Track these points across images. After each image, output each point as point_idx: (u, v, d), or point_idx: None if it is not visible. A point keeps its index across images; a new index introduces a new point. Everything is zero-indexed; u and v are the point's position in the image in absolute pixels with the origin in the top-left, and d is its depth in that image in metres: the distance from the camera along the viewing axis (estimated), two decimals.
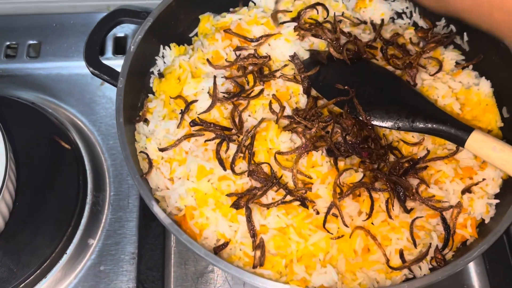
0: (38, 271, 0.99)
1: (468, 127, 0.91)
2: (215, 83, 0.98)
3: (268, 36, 1.05)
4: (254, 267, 0.87)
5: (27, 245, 1.01)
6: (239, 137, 0.95)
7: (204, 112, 0.98)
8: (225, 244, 0.90)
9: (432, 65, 1.05)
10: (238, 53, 1.05)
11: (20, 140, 1.09)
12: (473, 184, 0.94)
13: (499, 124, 1.01)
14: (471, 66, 1.06)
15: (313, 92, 1.01)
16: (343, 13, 1.10)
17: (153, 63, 1.11)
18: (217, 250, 0.90)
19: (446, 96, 1.01)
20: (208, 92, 1.00)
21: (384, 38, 1.06)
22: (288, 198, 0.89)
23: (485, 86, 1.03)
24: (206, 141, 0.95)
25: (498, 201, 0.95)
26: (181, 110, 0.99)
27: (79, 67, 1.21)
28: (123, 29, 1.30)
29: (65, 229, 1.03)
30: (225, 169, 0.92)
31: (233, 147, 0.94)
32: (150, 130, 1.01)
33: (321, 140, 0.93)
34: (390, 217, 0.90)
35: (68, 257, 1.03)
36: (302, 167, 0.92)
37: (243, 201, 0.89)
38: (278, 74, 1.02)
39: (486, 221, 0.94)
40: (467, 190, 0.93)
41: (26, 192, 1.05)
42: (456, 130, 0.91)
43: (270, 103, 0.98)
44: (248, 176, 0.92)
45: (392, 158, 0.95)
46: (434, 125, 0.92)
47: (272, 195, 0.91)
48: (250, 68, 1.03)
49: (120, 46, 1.30)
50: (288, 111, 0.98)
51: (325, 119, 0.95)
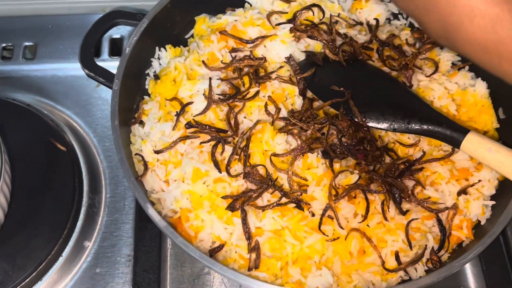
0: (33, 274, 0.99)
1: (463, 128, 0.91)
2: (210, 85, 0.98)
3: (263, 37, 1.05)
4: (250, 269, 0.87)
5: (22, 247, 1.00)
6: (234, 139, 0.95)
7: (200, 114, 0.98)
8: (221, 247, 0.90)
9: (428, 66, 1.05)
10: (233, 54, 1.05)
11: (16, 142, 1.08)
12: (469, 186, 0.94)
13: (495, 125, 1.01)
14: (467, 67, 1.06)
15: (309, 94, 1.00)
16: (339, 14, 1.10)
17: (148, 65, 1.10)
18: (213, 253, 0.90)
19: (442, 97, 1.01)
20: (203, 94, 0.99)
21: (380, 39, 1.06)
22: (284, 200, 0.89)
23: (481, 87, 1.03)
24: (201, 143, 0.95)
25: (494, 202, 0.95)
26: (177, 112, 0.99)
27: (75, 69, 1.20)
28: (119, 31, 1.29)
29: (61, 232, 1.03)
30: (220, 171, 0.92)
31: (228, 149, 0.94)
32: (146, 132, 1.01)
33: (316, 142, 0.93)
34: (386, 219, 0.89)
35: (64, 260, 1.03)
36: (298, 169, 0.92)
37: (238, 203, 0.89)
38: (273, 75, 1.02)
39: (482, 223, 0.94)
40: (463, 191, 0.93)
41: (21, 194, 1.04)
42: (452, 131, 0.90)
43: (266, 105, 0.98)
44: (243, 178, 0.92)
45: (388, 159, 0.95)
46: (430, 127, 0.92)
47: (267, 197, 0.91)
48: (246, 69, 1.03)
49: (116, 48, 1.29)
50: (283, 113, 0.97)
51: (320, 121, 0.95)
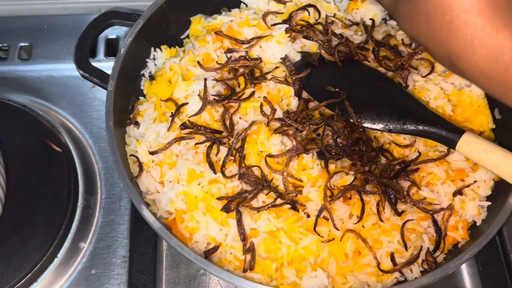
0: (29, 275, 0.99)
1: (459, 129, 0.90)
2: (205, 85, 0.98)
3: (259, 38, 1.05)
4: (245, 271, 0.86)
5: (18, 249, 1.00)
6: (229, 140, 0.95)
7: (195, 115, 0.97)
8: (216, 248, 0.90)
9: (424, 66, 1.04)
10: (229, 55, 1.05)
11: (11, 143, 1.08)
12: (464, 186, 0.94)
13: (491, 126, 1.01)
14: None
15: (304, 95, 1.00)
16: (335, 15, 1.09)
17: (144, 65, 1.10)
18: (208, 254, 0.89)
19: (438, 97, 1.01)
20: (198, 95, 0.99)
21: (376, 40, 1.06)
22: (279, 201, 0.89)
23: (477, 88, 1.02)
24: (196, 144, 0.95)
25: (489, 203, 0.94)
26: (172, 113, 0.99)
27: (70, 69, 1.19)
28: (114, 31, 1.29)
29: (56, 233, 1.02)
30: (215, 172, 0.92)
31: (223, 150, 0.93)
32: (141, 133, 1.01)
33: (312, 142, 0.93)
34: (381, 220, 0.89)
35: (59, 261, 1.03)
36: (293, 170, 0.92)
37: (233, 204, 0.89)
38: (269, 76, 1.01)
39: (478, 223, 0.94)
40: (458, 192, 0.93)
41: (16, 195, 1.04)
42: (447, 132, 0.90)
43: (261, 106, 0.98)
44: (238, 179, 0.92)
45: (383, 160, 0.95)
46: (425, 127, 0.92)
47: (262, 198, 0.90)
48: (241, 70, 1.02)
49: (112, 48, 1.29)
50: (279, 114, 0.97)
51: (316, 122, 0.95)
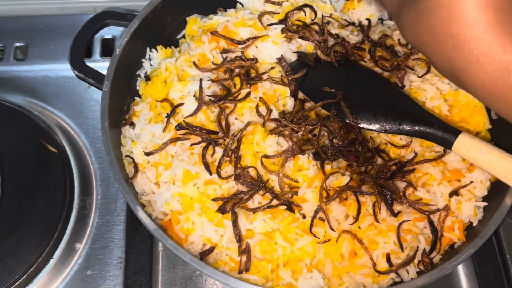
0: (24, 276, 0.98)
1: (455, 129, 0.90)
2: (201, 86, 0.98)
3: (255, 38, 1.04)
4: (240, 272, 0.86)
5: (13, 250, 0.99)
6: (225, 140, 0.95)
7: (190, 115, 0.97)
8: (211, 249, 0.89)
9: (420, 66, 1.04)
10: (225, 55, 1.04)
11: (6, 143, 1.08)
12: (461, 187, 0.94)
13: (488, 126, 1.01)
14: None
15: (300, 95, 1.00)
16: (331, 15, 1.09)
17: (139, 65, 1.10)
18: (203, 256, 0.89)
19: (435, 98, 1.00)
20: (194, 95, 0.99)
21: (372, 40, 1.05)
22: (275, 202, 0.89)
23: None
24: (192, 145, 0.94)
25: (486, 203, 0.94)
26: (167, 113, 0.98)
27: (66, 69, 1.18)
28: (110, 31, 1.28)
29: (52, 234, 1.02)
30: (211, 173, 0.91)
31: (219, 151, 0.93)
32: (136, 134, 1.01)
33: (307, 143, 0.93)
34: (377, 220, 0.89)
35: (54, 262, 1.02)
36: (289, 170, 0.91)
37: (229, 205, 0.89)
38: (265, 76, 1.01)
39: (474, 224, 0.94)
40: (454, 192, 0.93)
41: (11, 196, 1.03)
42: (443, 132, 0.90)
43: (257, 106, 0.98)
44: (234, 180, 0.91)
45: (379, 161, 0.95)
46: (421, 128, 0.92)
47: (258, 199, 0.90)
48: (237, 70, 1.02)
49: (108, 48, 1.29)
50: (275, 114, 0.97)
51: (312, 122, 0.94)
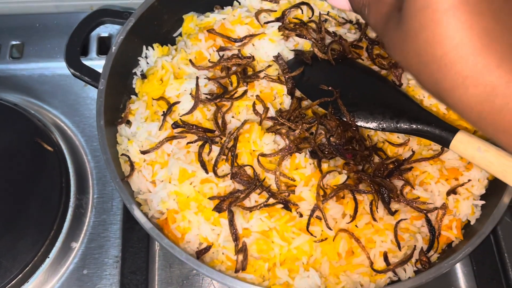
0: (20, 276, 0.97)
1: (453, 127, 0.90)
2: (197, 84, 0.97)
3: (252, 36, 1.04)
4: (237, 271, 0.86)
5: (9, 249, 0.99)
6: (222, 139, 0.94)
7: (187, 113, 0.97)
8: (208, 248, 0.89)
9: None
10: (221, 53, 1.04)
11: (2, 142, 1.08)
12: (458, 185, 0.93)
13: None
14: None
15: (297, 93, 0.99)
16: (328, 13, 1.08)
17: (135, 64, 1.09)
18: (199, 255, 0.88)
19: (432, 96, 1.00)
20: (190, 94, 0.98)
21: (369, 38, 1.05)
22: (271, 201, 0.88)
23: None
24: (188, 143, 0.94)
25: (483, 202, 0.94)
26: (164, 111, 0.98)
27: (62, 67, 1.17)
28: (107, 29, 1.28)
29: (48, 233, 1.01)
30: (207, 171, 0.91)
31: (215, 149, 0.93)
32: (132, 132, 1.00)
33: (304, 141, 0.92)
34: (374, 219, 0.89)
35: (50, 261, 1.02)
36: (285, 169, 0.91)
37: (225, 204, 0.88)
38: (262, 74, 1.00)
39: (472, 223, 0.94)
40: (452, 191, 0.93)
41: (7, 195, 1.03)
42: (441, 131, 0.89)
43: (254, 104, 0.97)
44: (231, 179, 0.91)
45: (376, 159, 0.94)
46: (419, 126, 0.91)
47: (255, 198, 0.89)
48: (234, 68, 1.01)
49: (104, 46, 1.28)
50: (272, 113, 0.96)
51: (309, 120, 0.94)
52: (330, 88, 0.96)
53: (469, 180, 0.94)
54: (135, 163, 0.97)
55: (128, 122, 1.02)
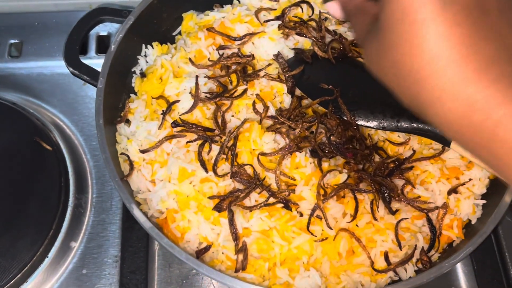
0: (18, 276, 0.97)
1: None
2: (197, 83, 0.96)
3: (252, 34, 1.03)
4: (237, 271, 0.85)
5: (7, 249, 0.98)
6: (221, 138, 0.94)
7: (186, 112, 0.96)
8: (207, 248, 0.88)
9: None
10: (221, 52, 1.03)
11: (0, 141, 1.07)
12: (459, 185, 0.93)
13: None
14: None
15: (298, 92, 0.99)
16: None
17: (135, 62, 1.08)
18: (199, 254, 0.88)
19: None
20: (190, 92, 0.98)
21: None
22: (271, 200, 0.88)
23: None
24: (188, 142, 0.93)
25: (484, 201, 0.94)
26: (163, 110, 0.97)
27: (61, 66, 1.16)
28: (106, 28, 1.27)
29: (47, 232, 1.01)
30: (207, 171, 0.90)
31: (215, 148, 0.92)
32: (132, 131, 1.00)
33: (305, 140, 0.92)
34: (375, 218, 0.88)
35: (49, 261, 1.01)
36: (286, 168, 0.90)
37: (225, 203, 0.88)
38: (262, 73, 1.00)
39: (473, 222, 0.93)
40: (453, 190, 0.92)
41: (5, 195, 1.03)
42: None
43: (254, 103, 0.97)
44: (230, 178, 0.90)
45: (377, 158, 0.94)
46: (420, 125, 0.91)
47: (255, 197, 0.89)
48: (234, 67, 1.01)
49: (103, 45, 1.27)
50: (272, 111, 0.96)
51: (309, 119, 0.94)
52: (330, 86, 0.95)
53: (470, 179, 0.93)
54: (135, 162, 0.96)
55: (128, 121, 1.02)
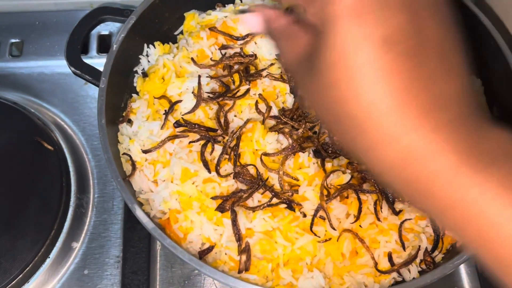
0: (20, 276, 0.96)
1: None
2: (199, 82, 0.96)
3: (254, 34, 1.03)
4: (240, 272, 0.85)
5: (8, 250, 0.98)
6: (224, 138, 0.93)
7: (189, 112, 0.96)
8: (210, 249, 0.88)
9: None
10: (223, 51, 1.03)
11: (1, 141, 1.06)
12: None
13: None
14: None
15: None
16: None
17: (137, 62, 1.08)
18: (202, 255, 0.88)
19: None
20: (192, 92, 0.97)
21: None
22: (275, 200, 0.87)
23: (475, 85, 1.01)
24: (190, 142, 0.93)
25: None
26: (165, 110, 0.97)
27: (62, 66, 1.16)
28: (107, 27, 1.27)
29: (48, 233, 1.00)
30: (210, 171, 0.90)
31: (218, 148, 0.92)
32: (134, 131, 0.99)
33: (308, 141, 0.91)
34: (379, 219, 0.88)
35: (51, 261, 1.00)
36: (289, 168, 0.90)
37: (228, 204, 0.87)
38: (264, 73, 1.00)
39: None
40: None
41: (7, 195, 1.02)
42: None
43: (257, 103, 0.96)
44: (233, 178, 0.90)
45: None
46: None
47: (258, 198, 0.88)
48: (236, 67, 1.01)
49: (104, 45, 1.27)
50: (274, 111, 0.96)
51: (312, 119, 0.93)
52: None
53: None
54: (137, 162, 0.96)
55: (130, 121, 1.01)
